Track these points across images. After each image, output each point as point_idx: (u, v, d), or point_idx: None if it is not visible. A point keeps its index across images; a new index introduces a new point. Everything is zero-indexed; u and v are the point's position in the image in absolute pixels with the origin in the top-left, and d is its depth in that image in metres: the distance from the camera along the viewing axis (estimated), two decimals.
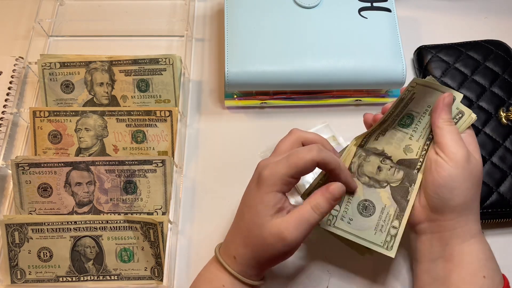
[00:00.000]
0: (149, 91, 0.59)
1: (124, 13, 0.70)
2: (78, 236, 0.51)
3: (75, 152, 0.57)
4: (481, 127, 0.58)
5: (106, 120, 0.56)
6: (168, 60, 0.58)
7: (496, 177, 0.55)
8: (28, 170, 0.54)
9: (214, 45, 0.68)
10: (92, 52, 0.61)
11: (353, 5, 0.61)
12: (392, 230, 0.45)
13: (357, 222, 0.45)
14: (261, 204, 0.42)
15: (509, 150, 0.56)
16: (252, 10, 0.60)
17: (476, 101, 0.59)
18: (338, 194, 0.43)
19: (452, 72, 0.62)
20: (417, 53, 0.65)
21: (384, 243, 0.44)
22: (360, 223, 0.45)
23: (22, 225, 0.51)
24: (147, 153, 0.57)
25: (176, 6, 0.70)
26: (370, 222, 0.45)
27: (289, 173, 0.41)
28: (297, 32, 0.59)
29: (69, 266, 0.51)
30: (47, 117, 0.57)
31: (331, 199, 0.42)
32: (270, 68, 0.57)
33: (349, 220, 0.46)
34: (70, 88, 0.60)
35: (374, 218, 0.45)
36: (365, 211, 0.46)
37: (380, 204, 0.46)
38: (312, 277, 0.52)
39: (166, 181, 0.53)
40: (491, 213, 0.54)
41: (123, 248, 0.51)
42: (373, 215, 0.46)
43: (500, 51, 0.63)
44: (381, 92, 0.62)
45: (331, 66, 0.58)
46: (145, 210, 0.53)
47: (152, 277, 0.51)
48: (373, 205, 0.46)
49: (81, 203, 0.54)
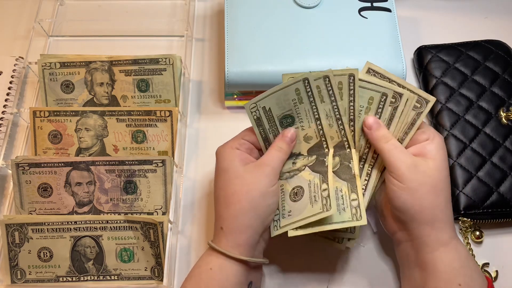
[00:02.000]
0: (149, 91, 0.59)
1: (124, 13, 0.70)
2: (78, 236, 0.51)
3: (75, 152, 0.57)
4: (481, 127, 0.58)
5: (106, 120, 0.56)
6: (168, 60, 0.58)
7: (496, 177, 0.55)
8: (28, 170, 0.54)
9: (214, 45, 0.68)
10: (92, 52, 0.61)
11: (353, 5, 0.61)
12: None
13: (295, 210, 0.46)
14: (228, 163, 0.46)
15: (509, 150, 0.56)
16: (252, 10, 0.61)
17: (476, 101, 0.59)
18: (290, 134, 0.48)
19: (452, 72, 0.62)
20: (417, 53, 0.65)
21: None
22: (297, 208, 0.46)
23: (22, 225, 0.51)
24: (147, 153, 0.57)
25: (176, 6, 0.70)
26: (304, 200, 0.46)
27: (240, 135, 0.49)
28: (297, 32, 0.59)
29: (69, 266, 0.51)
30: (47, 117, 0.57)
31: (288, 140, 0.47)
32: (270, 68, 0.57)
33: (289, 213, 0.46)
34: (70, 88, 0.60)
35: (305, 195, 0.46)
36: (297, 196, 0.47)
37: (305, 182, 0.47)
38: (312, 277, 0.52)
39: (166, 181, 0.53)
40: (491, 213, 0.54)
41: (123, 248, 0.51)
42: (304, 194, 0.46)
43: (500, 51, 0.63)
44: None
45: (331, 66, 0.57)
46: (145, 210, 0.53)
47: (152, 277, 0.51)
48: (300, 186, 0.47)
49: (81, 203, 0.54)
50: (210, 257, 0.45)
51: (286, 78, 0.46)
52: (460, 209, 0.54)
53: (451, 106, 0.59)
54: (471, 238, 0.54)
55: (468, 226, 0.54)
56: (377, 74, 0.48)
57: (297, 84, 0.46)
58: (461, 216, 0.54)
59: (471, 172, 0.55)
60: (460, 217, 0.54)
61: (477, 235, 0.54)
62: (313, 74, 0.45)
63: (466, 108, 0.59)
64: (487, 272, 0.53)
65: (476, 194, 0.54)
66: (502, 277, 0.53)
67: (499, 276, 0.53)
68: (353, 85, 0.46)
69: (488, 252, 0.54)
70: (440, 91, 0.61)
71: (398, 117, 0.46)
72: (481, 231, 0.54)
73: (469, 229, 0.55)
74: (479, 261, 0.53)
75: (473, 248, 0.54)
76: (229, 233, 0.45)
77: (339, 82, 0.46)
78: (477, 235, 0.54)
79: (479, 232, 0.54)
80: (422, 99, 0.46)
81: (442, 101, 0.60)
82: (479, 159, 0.56)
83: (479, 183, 0.55)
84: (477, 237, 0.54)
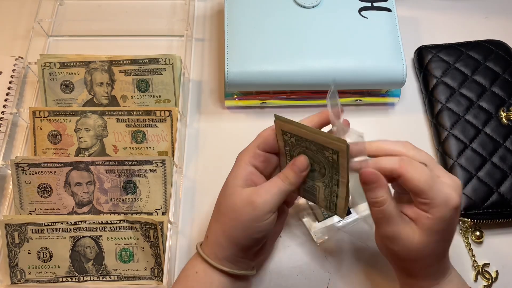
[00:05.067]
0: (149, 91, 0.59)
1: (124, 13, 0.70)
2: (78, 236, 0.51)
3: (75, 152, 0.57)
4: (482, 127, 0.58)
5: (106, 120, 0.56)
6: (168, 60, 0.58)
7: (496, 177, 0.55)
8: (28, 170, 0.53)
9: (214, 45, 0.68)
10: (92, 52, 0.61)
11: (353, 5, 0.61)
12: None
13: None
14: (233, 177, 0.44)
15: (509, 150, 0.56)
16: (252, 10, 0.60)
17: (476, 101, 0.59)
18: (302, 166, 0.43)
19: (452, 72, 0.62)
20: (417, 53, 0.65)
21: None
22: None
23: (21, 225, 0.51)
24: (147, 153, 0.57)
25: (176, 6, 0.70)
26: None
27: (255, 143, 0.44)
28: (297, 32, 0.59)
29: (69, 266, 0.51)
30: (47, 117, 0.57)
31: (297, 170, 0.43)
32: (270, 68, 0.57)
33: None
34: (70, 88, 0.60)
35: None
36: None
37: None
38: (312, 277, 0.52)
39: (166, 181, 0.53)
40: (491, 213, 0.54)
41: (123, 248, 0.51)
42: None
43: (501, 51, 0.63)
44: (381, 92, 0.62)
45: (331, 66, 0.57)
46: (145, 210, 0.53)
47: (152, 277, 0.51)
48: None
49: (81, 203, 0.54)
50: (196, 261, 0.45)
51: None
52: (460, 209, 0.54)
53: (451, 106, 0.59)
54: (471, 238, 0.54)
55: (468, 226, 0.54)
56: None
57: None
58: (461, 216, 0.54)
59: (471, 172, 0.55)
60: (461, 217, 0.54)
61: (477, 235, 0.54)
62: None
63: (466, 108, 0.59)
64: (487, 272, 0.53)
65: (476, 194, 0.54)
66: (502, 277, 0.53)
67: (499, 276, 0.53)
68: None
69: (488, 252, 0.54)
70: (440, 91, 0.61)
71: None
72: (481, 231, 0.54)
73: (469, 229, 0.55)
74: (479, 261, 0.53)
75: (473, 248, 0.54)
76: (212, 245, 0.45)
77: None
78: (477, 235, 0.54)
79: (479, 232, 0.54)
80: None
81: (443, 101, 0.60)
82: (479, 159, 0.56)
83: (479, 183, 0.55)
84: (477, 237, 0.54)
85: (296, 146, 0.43)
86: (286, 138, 0.43)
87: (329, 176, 0.43)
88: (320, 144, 0.40)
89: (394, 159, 0.40)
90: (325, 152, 0.41)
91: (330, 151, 0.40)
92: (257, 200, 0.42)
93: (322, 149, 0.41)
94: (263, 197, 0.42)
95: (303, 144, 0.42)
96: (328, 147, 0.40)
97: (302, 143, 0.42)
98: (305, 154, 0.43)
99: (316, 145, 0.41)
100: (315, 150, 0.42)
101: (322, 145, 0.40)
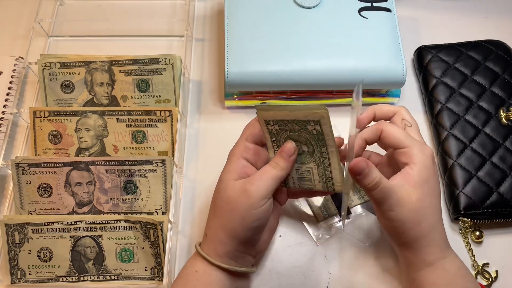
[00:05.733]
0: (149, 91, 0.59)
1: (124, 13, 0.70)
2: (78, 236, 0.51)
3: (75, 152, 0.57)
4: (481, 127, 0.58)
5: (106, 120, 0.56)
6: (168, 60, 0.58)
7: (496, 177, 0.55)
8: (28, 170, 0.54)
9: (214, 45, 0.68)
10: (92, 52, 0.61)
11: (353, 5, 0.61)
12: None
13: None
14: (225, 172, 0.45)
15: (509, 150, 0.56)
16: (252, 10, 0.60)
17: (476, 101, 0.59)
18: (289, 151, 0.44)
19: (452, 72, 0.62)
20: (417, 53, 0.65)
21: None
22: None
23: (22, 225, 0.51)
24: (147, 153, 0.57)
25: (176, 6, 0.70)
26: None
27: (243, 137, 0.46)
28: (297, 32, 0.59)
29: (69, 266, 0.51)
30: (47, 117, 0.57)
31: (285, 156, 0.45)
32: (270, 68, 0.57)
33: None
34: (70, 88, 0.60)
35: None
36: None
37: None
38: (312, 277, 0.52)
39: (166, 181, 0.53)
40: (491, 213, 0.54)
41: (123, 248, 0.51)
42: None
43: (500, 51, 0.63)
44: (381, 92, 0.62)
45: (331, 66, 0.58)
46: (145, 210, 0.53)
47: (152, 277, 0.51)
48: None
49: (81, 203, 0.54)
50: (196, 260, 0.46)
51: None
52: (460, 209, 0.54)
53: (451, 106, 0.59)
54: (471, 238, 0.54)
55: (468, 226, 0.54)
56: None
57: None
58: (461, 216, 0.54)
59: (471, 172, 0.55)
60: (460, 217, 0.54)
61: (477, 235, 0.54)
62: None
63: (466, 108, 0.59)
64: (487, 272, 0.53)
65: (476, 194, 0.54)
66: (502, 277, 0.53)
67: (499, 276, 0.53)
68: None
69: (488, 252, 0.54)
70: (440, 91, 0.61)
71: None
72: (481, 231, 0.54)
73: (469, 229, 0.55)
74: (479, 261, 0.53)
75: (473, 248, 0.54)
76: (210, 242, 0.45)
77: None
78: (477, 235, 0.54)
79: (479, 232, 0.54)
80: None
81: (442, 101, 0.60)
82: (479, 159, 0.56)
83: (479, 183, 0.55)
84: (477, 237, 0.54)
85: (280, 132, 0.45)
86: (270, 128, 0.45)
87: (318, 152, 0.44)
88: (302, 120, 0.42)
89: (374, 124, 0.47)
90: (308, 126, 0.42)
91: (312, 123, 0.42)
92: (251, 188, 0.43)
93: (305, 124, 0.42)
94: (255, 184, 0.43)
95: (287, 127, 0.44)
96: (309, 120, 0.42)
97: (285, 127, 0.44)
98: (290, 138, 0.45)
99: (298, 123, 0.43)
100: (298, 130, 0.43)
101: (304, 120, 0.42)
